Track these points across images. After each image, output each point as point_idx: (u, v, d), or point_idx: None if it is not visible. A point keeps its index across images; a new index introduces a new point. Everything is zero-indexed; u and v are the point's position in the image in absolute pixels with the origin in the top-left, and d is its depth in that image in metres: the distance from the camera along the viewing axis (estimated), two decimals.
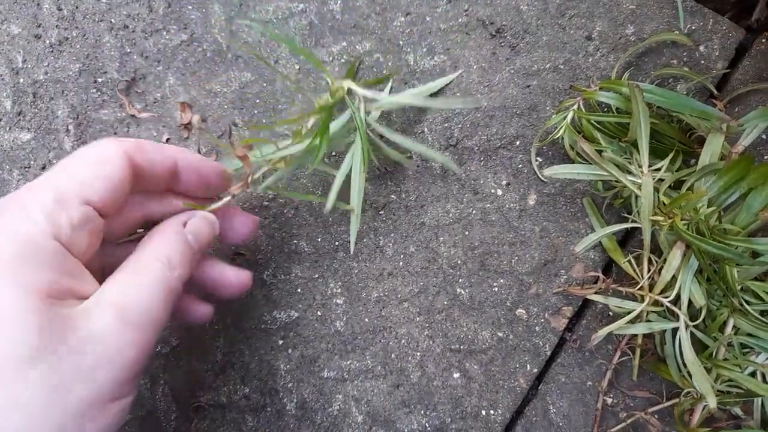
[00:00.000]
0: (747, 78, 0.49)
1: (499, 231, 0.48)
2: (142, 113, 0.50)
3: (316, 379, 0.47)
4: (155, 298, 0.32)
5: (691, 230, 0.40)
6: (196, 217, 0.38)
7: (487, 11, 0.50)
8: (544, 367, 0.48)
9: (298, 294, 0.48)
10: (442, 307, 0.48)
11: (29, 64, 0.51)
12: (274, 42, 0.50)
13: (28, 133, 0.50)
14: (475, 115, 0.49)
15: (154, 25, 0.51)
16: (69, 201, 0.31)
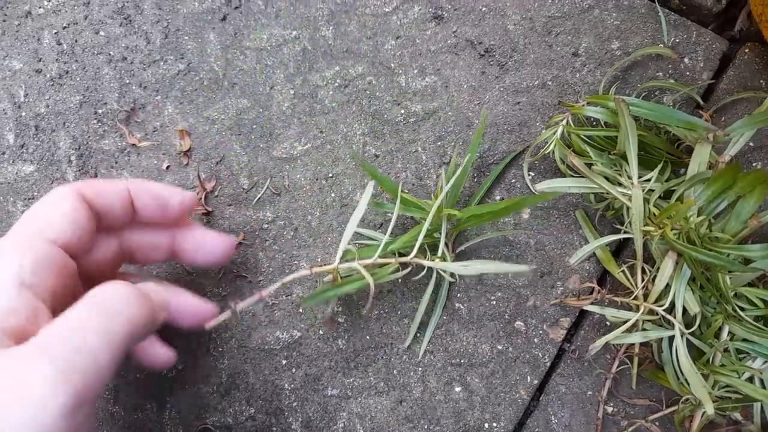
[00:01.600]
0: (732, 87, 0.50)
1: (495, 244, 0.49)
2: (142, 142, 0.51)
3: (320, 397, 0.48)
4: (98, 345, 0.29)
5: (682, 239, 0.41)
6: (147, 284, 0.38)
7: (475, 32, 0.51)
8: (544, 378, 0.48)
9: (299, 314, 0.49)
10: (442, 322, 0.48)
11: (31, 97, 0.52)
12: (269, 68, 0.51)
13: (31, 165, 0.51)
14: (467, 133, 0.50)
15: (152, 56, 0.52)
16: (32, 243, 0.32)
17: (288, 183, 0.50)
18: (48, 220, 0.34)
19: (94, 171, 0.51)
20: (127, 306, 0.32)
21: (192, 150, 0.51)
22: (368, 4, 0.52)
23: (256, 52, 0.52)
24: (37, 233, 0.33)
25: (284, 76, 0.51)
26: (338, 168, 0.50)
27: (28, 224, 0.34)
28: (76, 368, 0.27)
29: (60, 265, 0.33)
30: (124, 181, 0.40)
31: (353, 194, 0.50)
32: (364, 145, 0.50)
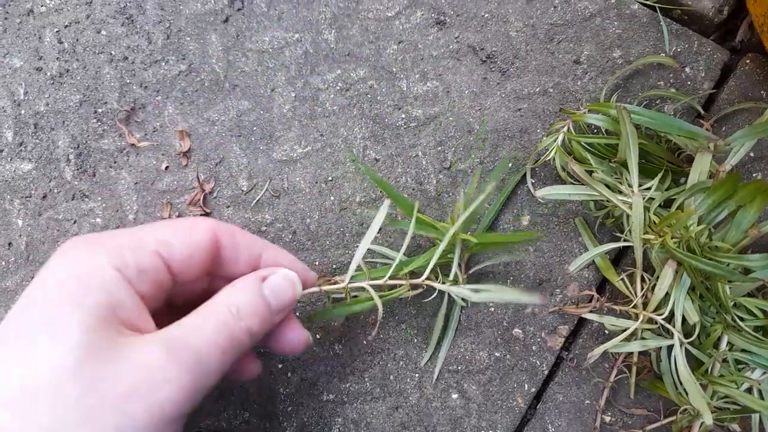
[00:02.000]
0: (733, 98, 0.50)
1: (494, 251, 0.49)
2: (142, 142, 0.51)
3: (315, 402, 0.48)
4: (212, 342, 0.31)
5: (682, 248, 0.41)
6: (277, 274, 0.37)
7: (477, 38, 0.51)
8: (541, 387, 0.48)
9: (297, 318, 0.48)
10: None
11: (30, 95, 0.52)
12: (271, 71, 0.51)
13: (29, 163, 0.51)
14: (467, 138, 0.50)
15: (153, 56, 0.52)
16: (143, 249, 0.33)
17: (287, 185, 0.50)
18: (171, 240, 0.34)
19: (93, 170, 0.50)
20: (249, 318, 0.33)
21: (191, 151, 0.51)
22: (371, 8, 0.52)
23: (257, 54, 0.52)
24: (154, 245, 0.33)
25: (285, 78, 0.51)
26: (338, 171, 0.50)
27: (152, 232, 0.34)
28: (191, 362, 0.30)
29: (158, 280, 0.33)
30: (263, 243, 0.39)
31: (353, 198, 0.50)
32: (364, 149, 0.50)
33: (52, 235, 0.50)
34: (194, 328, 0.31)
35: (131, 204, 0.50)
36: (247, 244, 0.37)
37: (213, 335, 0.31)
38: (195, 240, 0.35)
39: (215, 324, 0.32)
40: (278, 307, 0.36)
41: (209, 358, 0.31)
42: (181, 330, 0.31)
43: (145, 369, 0.28)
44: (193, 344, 0.30)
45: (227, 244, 0.36)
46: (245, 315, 0.33)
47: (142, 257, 0.32)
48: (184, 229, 0.35)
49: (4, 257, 0.50)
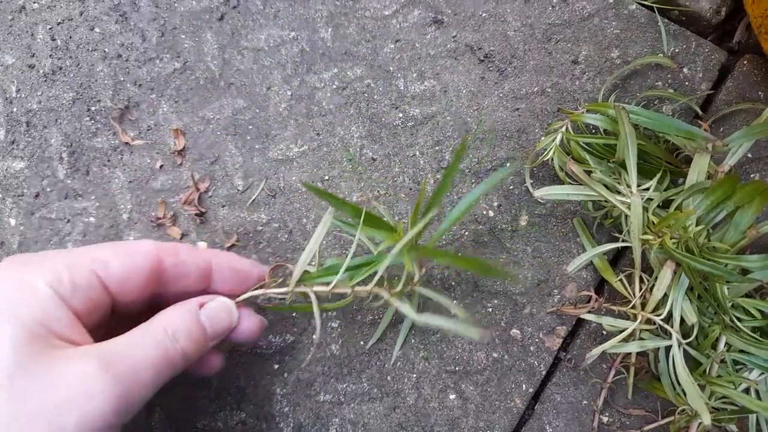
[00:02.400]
0: (731, 98, 0.50)
1: (492, 252, 0.49)
2: (136, 141, 0.50)
3: (312, 402, 0.47)
4: (147, 360, 0.32)
5: (680, 249, 0.41)
6: (214, 301, 0.38)
7: (475, 37, 0.51)
8: (539, 387, 0.48)
9: (293, 318, 0.48)
10: (437, 329, 0.48)
11: (23, 93, 0.51)
12: (266, 69, 0.51)
13: (22, 161, 0.50)
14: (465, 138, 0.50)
15: (148, 53, 0.51)
16: (78, 266, 0.33)
17: (283, 185, 0.49)
18: (107, 259, 0.35)
19: (86, 169, 0.50)
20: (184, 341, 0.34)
21: (186, 149, 0.50)
22: (368, 6, 0.51)
23: (253, 52, 0.51)
24: (89, 263, 0.34)
25: (281, 77, 0.51)
26: (334, 171, 0.50)
27: (89, 252, 0.35)
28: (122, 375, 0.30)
29: (94, 297, 0.34)
30: (209, 252, 0.39)
31: (349, 197, 0.49)
32: (361, 148, 0.50)
33: (45, 235, 0.49)
34: (130, 343, 0.32)
35: (125, 203, 0.49)
36: (193, 259, 0.38)
37: (148, 352, 0.32)
38: (134, 263, 0.35)
39: (151, 342, 0.33)
40: (213, 334, 0.37)
41: (142, 374, 0.31)
42: (116, 344, 0.32)
43: (78, 380, 0.29)
44: (127, 358, 0.31)
45: (172, 263, 0.37)
46: (181, 337, 0.34)
47: (77, 274, 0.33)
48: (125, 251, 0.35)
49: None
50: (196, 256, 0.38)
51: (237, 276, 0.40)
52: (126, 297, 0.35)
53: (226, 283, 0.40)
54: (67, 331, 0.31)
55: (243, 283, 0.40)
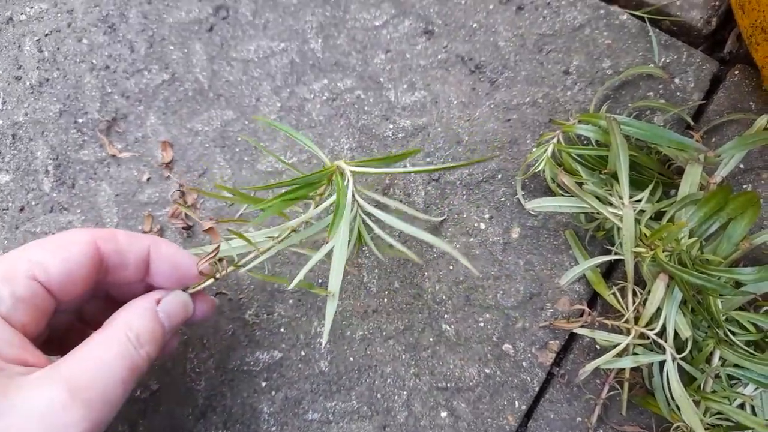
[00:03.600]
0: (722, 109, 0.49)
1: (484, 265, 0.48)
2: (123, 153, 0.50)
3: (300, 421, 0.46)
4: (115, 376, 0.31)
5: (673, 261, 0.40)
6: (170, 295, 0.37)
7: (466, 47, 0.50)
8: (532, 404, 0.47)
9: (281, 334, 0.47)
10: (428, 344, 0.47)
11: (9, 105, 0.51)
12: (256, 80, 0.50)
13: (7, 174, 0.50)
14: (456, 149, 0.49)
15: (136, 65, 0.51)
16: (16, 276, 0.31)
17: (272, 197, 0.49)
18: (45, 260, 0.33)
19: (72, 182, 0.49)
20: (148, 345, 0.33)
21: (174, 162, 0.49)
22: (358, 17, 0.51)
23: (242, 63, 0.51)
24: (26, 269, 0.32)
25: (271, 88, 0.50)
26: None
27: (25, 256, 0.33)
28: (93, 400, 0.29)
29: (38, 304, 0.32)
30: (148, 239, 0.37)
31: None
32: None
33: None
34: (94, 361, 0.31)
35: (111, 216, 0.49)
36: (131, 245, 0.36)
37: (114, 368, 0.31)
38: (72, 256, 0.33)
39: (116, 356, 0.31)
40: (171, 329, 0.36)
41: (112, 393, 0.30)
42: (80, 364, 0.30)
43: (48, 413, 0.28)
44: (95, 380, 0.30)
45: (110, 249, 0.35)
46: (144, 341, 0.33)
47: (17, 287, 0.31)
48: (59, 245, 0.33)
49: None
50: (135, 244, 0.37)
51: (176, 273, 0.38)
52: (69, 294, 0.34)
53: (163, 278, 0.38)
54: (19, 352, 0.30)
55: (182, 279, 0.38)
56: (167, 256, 0.38)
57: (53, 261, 0.33)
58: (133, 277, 0.37)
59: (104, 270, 0.36)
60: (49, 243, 0.34)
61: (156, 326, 0.34)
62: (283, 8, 0.51)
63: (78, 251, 0.33)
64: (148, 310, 0.35)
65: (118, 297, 0.39)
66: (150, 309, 0.35)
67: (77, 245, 0.34)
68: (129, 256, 0.36)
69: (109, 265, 0.36)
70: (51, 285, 0.33)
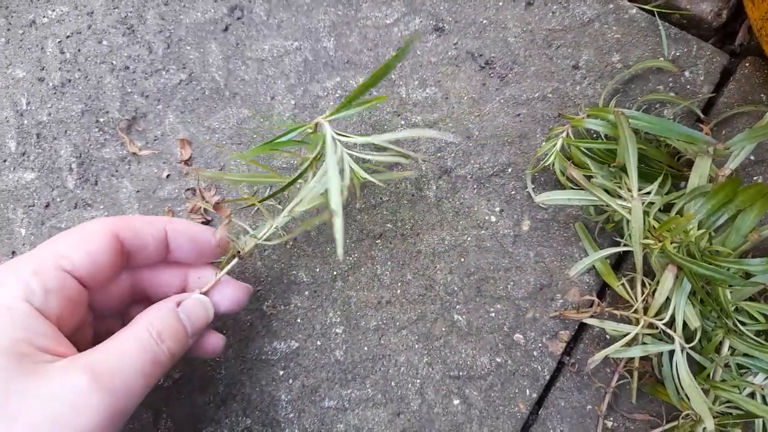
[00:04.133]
0: (732, 101, 0.50)
1: (495, 257, 0.49)
2: (143, 151, 0.51)
3: (317, 408, 0.48)
4: (136, 366, 0.32)
5: (682, 253, 0.41)
6: (190, 299, 0.39)
7: (476, 44, 0.51)
8: (543, 392, 0.48)
9: (297, 324, 0.49)
10: (441, 334, 0.48)
11: (33, 105, 0.52)
12: (270, 79, 0.52)
13: (32, 172, 0.51)
14: (467, 144, 0.50)
15: (154, 65, 0.52)
16: (45, 269, 0.33)
17: (288, 193, 0.50)
18: (69, 252, 0.34)
19: (95, 179, 0.51)
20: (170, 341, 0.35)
21: (192, 159, 0.51)
22: (370, 15, 0.52)
23: (257, 62, 0.52)
24: (54, 261, 0.34)
25: (285, 86, 0.52)
26: None
27: (50, 249, 0.34)
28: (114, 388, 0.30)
29: (70, 295, 0.34)
30: (163, 221, 0.40)
31: (352, 204, 0.50)
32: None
33: None
34: (118, 352, 0.32)
35: (132, 212, 0.50)
36: (147, 225, 0.38)
37: (136, 360, 0.32)
38: (94, 245, 0.35)
39: (138, 348, 0.33)
40: (193, 331, 0.38)
41: (133, 383, 0.32)
42: (104, 354, 0.32)
43: (69, 395, 0.29)
44: (117, 369, 0.31)
45: (129, 234, 0.37)
46: (166, 338, 0.35)
47: (47, 279, 0.33)
48: (81, 236, 0.35)
49: None
50: (152, 225, 0.39)
51: (195, 246, 0.40)
52: (99, 283, 0.36)
53: (184, 252, 0.40)
54: (51, 343, 0.31)
55: (202, 252, 0.41)
56: (183, 230, 0.40)
57: (77, 252, 0.34)
58: (155, 256, 0.39)
59: (126, 254, 0.38)
60: (72, 235, 0.36)
61: (177, 325, 0.36)
62: (296, 7, 0.52)
63: (99, 239, 0.35)
64: (169, 310, 0.36)
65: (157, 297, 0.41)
66: (171, 309, 0.37)
67: (98, 234, 0.36)
68: (146, 237, 0.38)
69: (131, 249, 0.38)
70: (79, 274, 0.34)
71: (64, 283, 0.33)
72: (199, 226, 0.41)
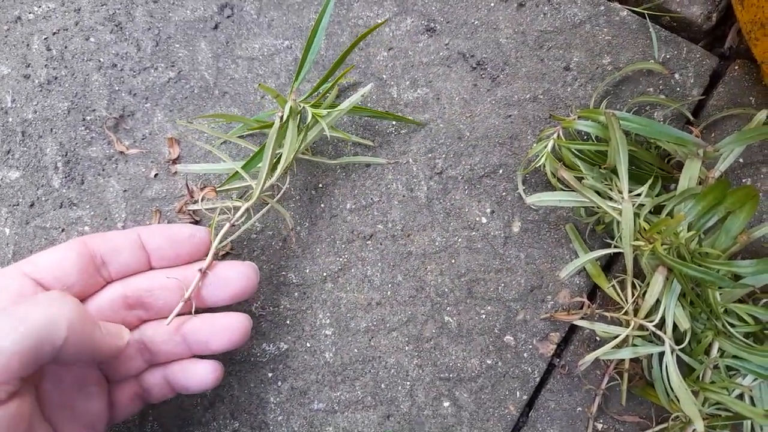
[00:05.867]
0: (722, 104, 0.50)
1: (485, 258, 0.49)
2: (131, 149, 0.50)
3: (306, 411, 0.47)
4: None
5: (671, 254, 0.41)
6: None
7: (467, 44, 0.51)
8: (533, 394, 0.48)
9: (287, 326, 0.48)
10: (431, 336, 0.48)
11: (18, 103, 0.51)
12: (260, 78, 0.51)
13: (17, 171, 0.50)
14: (458, 145, 0.50)
15: (143, 63, 0.52)
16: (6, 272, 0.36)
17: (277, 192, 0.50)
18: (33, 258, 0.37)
19: (81, 178, 0.50)
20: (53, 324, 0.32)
21: (181, 158, 0.50)
22: (361, 15, 0.52)
23: (247, 61, 0.51)
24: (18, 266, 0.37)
25: (275, 85, 0.51)
26: (328, 178, 0.50)
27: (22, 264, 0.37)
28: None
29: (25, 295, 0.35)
30: (135, 228, 0.41)
31: (343, 205, 0.49)
32: (354, 156, 0.50)
33: (40, 244, 0.50)
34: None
35: (120, 212, 0.50)
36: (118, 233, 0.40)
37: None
38: (58, 249, 0.38)
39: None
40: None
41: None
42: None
43: None
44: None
45: (99, 241, 0.39)
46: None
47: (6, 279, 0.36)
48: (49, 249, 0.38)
49: None
50: (122, 232, 0.40)
51: (173, 243, 0.40)
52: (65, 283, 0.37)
53: (164, 253, 0.40)
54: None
55: (179, 248, 0.41)
56: (157, 230, 0.41)
57: (41, 257, 0.37)
58: (135, 263, 0.40)
59: (101, 261, 0.39)
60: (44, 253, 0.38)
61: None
62: (287, 6, 0.52)
63: (63, 246, 0.38)
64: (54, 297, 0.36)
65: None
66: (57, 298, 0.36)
67: (63, 245, 0.38)
68: (117, 240, 0.40)
69: (102, 254, 0.39)
70: (39, 276, 0.36)
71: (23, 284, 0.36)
72: (174, 225, 0.42)
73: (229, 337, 0.40)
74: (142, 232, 0.40)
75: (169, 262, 0.41)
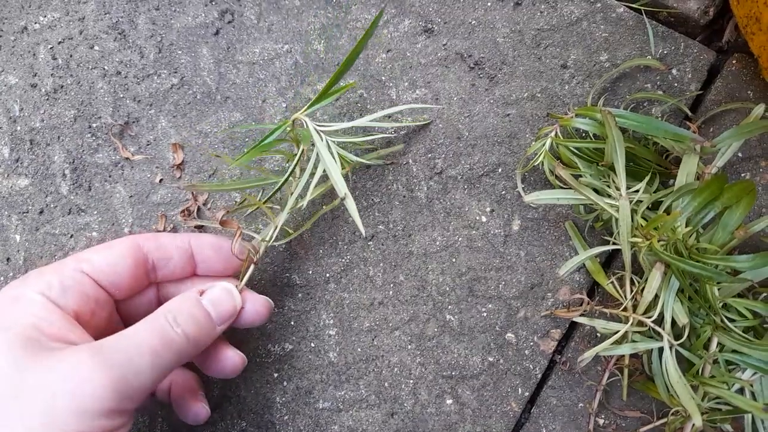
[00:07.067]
0: (720, 99, 0.50)
1: (486, 257, 0.49)
2: (136, 156, 0.51)
3: (311, 410, 0.48)
4: (142, 344, 0.33)
5: (669, 250, 0.41)
6: (215, 287, 0.40)
7: (465, 45, 0.51)
8: (535, 390, 0.48)
9: (291, 327, 0.49)
10: (433, 334, 0.49)
11: (26, 112, 0.53)
12: (261, 82, 0.52)
13: (26, 179, 0.52)
14: (457, 144, 0.50)
15: (146, 70, 0.53)
16: (65, 269, 0.37)
17: (280, 196, 0.50)
18: (90, 256, 0.38)
19: (88, 184, 0.51)
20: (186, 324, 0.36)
21: (185, 163, 0.51)
22: (359, 17, 0.52)
23: (248, 66, 0.52)
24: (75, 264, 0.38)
25: (276, 89, 0.52)
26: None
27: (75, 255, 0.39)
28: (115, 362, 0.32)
29: (87, 293, 0.37)
30: (187, 234, 0.43)
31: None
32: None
33: (50, 250, 0.51)
34: (125, 334, 0.34)
35: (126, 217, 0.51)
36: (172, 239, 0.41)
37: (143, 339, 0.34)
38: (114, 250, 0.39)
39: (147, 329, 0.34)
40: (219, 318, 0.39)
41: (137, 359, 0.33)
42: (115, 337, 0.34)
43: (70, 369, 0.31)
44: (121, 347, 0.33)
45: (151, 244, 0.40)
46: (182, 321, 0.36)
47: (64, 276, 0.36)
48: (104, 245, 0.39)
49: (3, 272, 0.51)
50: (176, 239, 0.41)
51: (219, 255, 0.42)
52: (118, 286, 0.38)
53: (211, 264, 0.42)
54: (62, 332, 0.33)
55: (227, 261, 0.42)
56: (208, 241, 0.42)
57: (97, 256, 0.38)
58: (181, 269, 0.41)
59: (151, 264, 0.40)
60: (98, 246, 0.40)
61: (196, 310, 0.37)
62: (286, 11, 0.53)
63: (119, 246, 0.39)
64: (187, 297, 0.38)
65: None
66: (190, 295, 0.38)
67: (119, 243, 0.39)
68: (170, 248, 0.41)
69: (154, 260, 0.40)
70: (96, 275, 0.38)
71: (81, 281, 0.37)
72: (223, 238, 0.43)
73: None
74: (194, 239, 0.42)
75: (213, 273, 0.43)
